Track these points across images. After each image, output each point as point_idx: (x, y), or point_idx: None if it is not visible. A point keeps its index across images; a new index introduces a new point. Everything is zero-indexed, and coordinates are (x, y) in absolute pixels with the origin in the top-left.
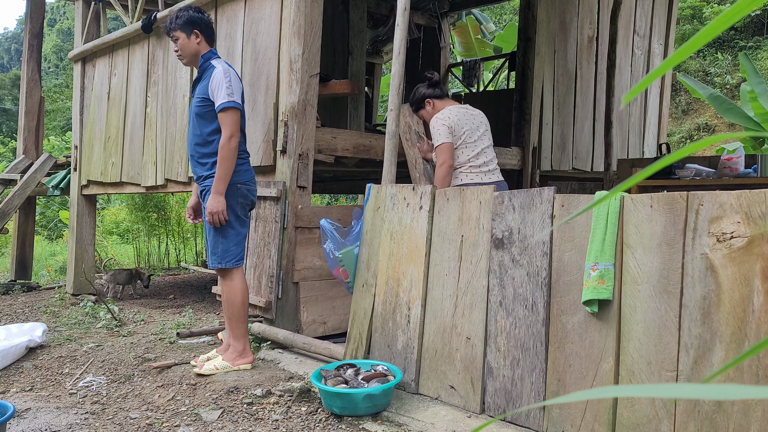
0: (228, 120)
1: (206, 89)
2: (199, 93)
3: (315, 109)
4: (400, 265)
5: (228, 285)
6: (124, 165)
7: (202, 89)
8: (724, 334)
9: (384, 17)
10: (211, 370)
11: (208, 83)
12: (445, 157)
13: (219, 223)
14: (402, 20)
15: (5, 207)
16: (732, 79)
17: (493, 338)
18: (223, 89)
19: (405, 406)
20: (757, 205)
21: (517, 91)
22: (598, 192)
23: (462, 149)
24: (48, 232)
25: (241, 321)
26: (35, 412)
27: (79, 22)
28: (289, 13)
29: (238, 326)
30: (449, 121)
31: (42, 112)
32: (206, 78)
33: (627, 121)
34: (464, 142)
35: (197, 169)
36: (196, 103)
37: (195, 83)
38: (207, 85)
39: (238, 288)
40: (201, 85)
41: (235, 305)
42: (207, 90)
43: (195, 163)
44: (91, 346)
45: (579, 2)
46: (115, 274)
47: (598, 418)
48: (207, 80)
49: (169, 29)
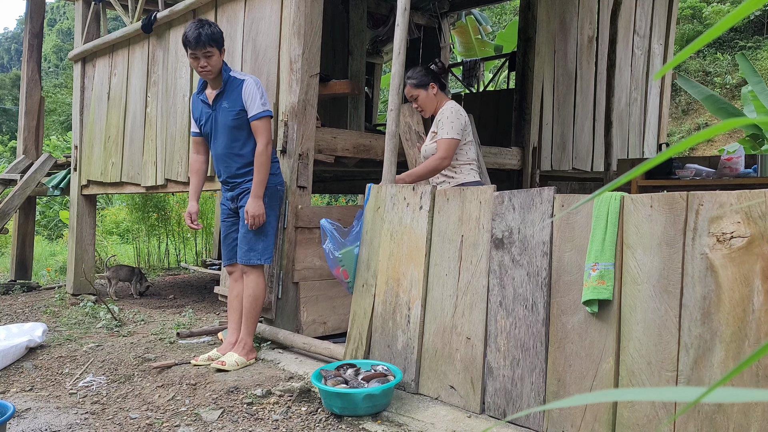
0: (264, 128)
1: (239, 101)
2: (233, 105)
3: (315, 109)
4: (400, 265)
5: (257, 281)
6: (124, 165)
7: (234, 102)
8: (724, 334)
9: (384, 17)
10: (233, 365)
11: (240, 95)
12: (448, 153)
13: (258, 225)
14: (402, 20)
15: (5, 207)
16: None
17: (493, 338)
18: (257, 99)
19: (405, 406)
20: (757, 205)
21: (517, 91)
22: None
23: (470, 146)
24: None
25: (257, 318)
26: (35, 412)
27: (79, 22)
28: (289, 13)
29: (255, 323)
30: (464, 118)
31: (42, 112)
32: (233, 90)
33: (627, 121)
34: (472, 141)
35: (235, 179)
36: (233, 116)
37: (217, 96)
38: (238, 97)
39: (264, 284)
40: (231, 98)
41: (259, 301)
42: (240, 101)
43: (233, 172)
44: (91, 346)
45: (579, 2)
46: (117, 269)
47: (598, 418)
48: (236, 92)
49: (205, 43)
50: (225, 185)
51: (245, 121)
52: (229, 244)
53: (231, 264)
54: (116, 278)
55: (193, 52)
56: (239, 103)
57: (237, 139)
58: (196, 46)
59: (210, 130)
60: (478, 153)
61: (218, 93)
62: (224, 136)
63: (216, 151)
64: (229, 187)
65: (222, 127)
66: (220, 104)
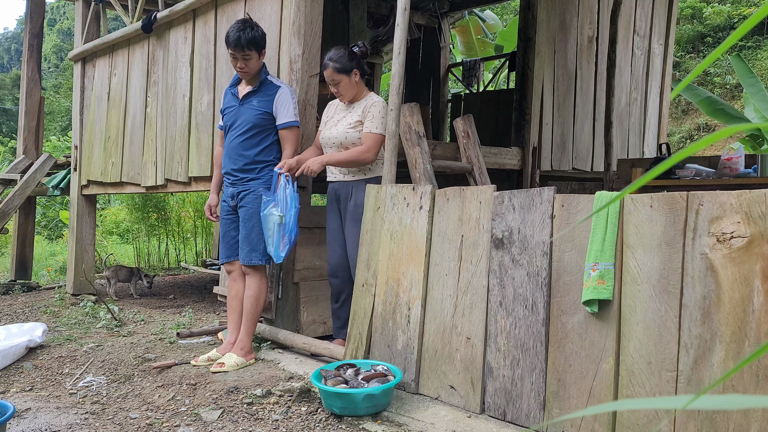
0: (293, 137)
1: (270, 105)
2: (261, 106)
3: (315, 109)
4: (400, 265)
5: (258, 282)
6: (124, 165)
7: (264, 103)
8: (724, 334)
9: (384, 17)
10: (232, 366)
11: (273, 100)
12: (375, 149)
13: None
14: (402, 20)
15: (5, 207)
16: (732, 79)
17: (493, 338)
18: (290, 109)
19: (405, 406)
20: (757, 205)
21: (517, 91)
22: (599, 192)
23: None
24: (48, 232)
25: (257, 318)
26: (35, 412)
27: (79, 22)
28: (289, 13)
29: (255, 323)
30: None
31: (42, 112)
32: (267, 93)
33: (627, 121)
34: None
35: (238, 173)
36: (257, 115)
37: (249, 94)
38: (271, 101)
39: (265, 285)
40: (262, 99)
41: (259, 302)
42: (271, 106)
43: (240, 167)
44: (91, 346)
45: (579, 2)
46: (117, 270)
47: (598, 417)
48: (270, 96)
49: (244, 46)
50: (227, 178)
51: (266, 124)
52: (228, 241)
53: (229, 262)
54: (116, 278)
55: (233, 52)
56: (269, 106)
57: (252, 138)
58: (236, 47)
59: (229, 122)
60: (478, 153)
61: (251, 91)
62: (241, 132)
63: (228, 143)
64: (230, 182)
65: (243, 123)
66: (250, 101)
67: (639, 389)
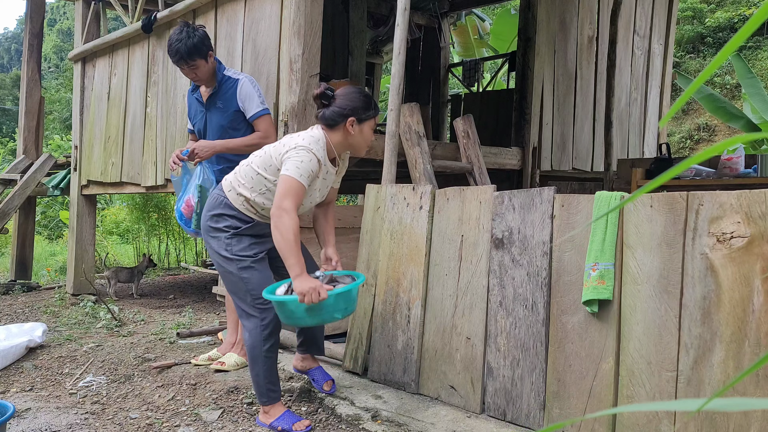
0: (266, 125)
1: (234, 101)
2: (228, 106)
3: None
4: (400, 265)
5: None
6: (124, 165)
7: (229, 102)
8: (724, 334)
9: (384, 17)
10: (233, 365)
11: (235, 95)
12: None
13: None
14: (402, 20)
15: (5, 207)
16: (732, 78)
17: (493, 338)
18: (255, 99)
19: (405, 406)
20: (757, 205)
21: (517, 91)
22: (599, 192)
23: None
24: (48, 232)
25: None
26: (35, 412)
27: (79, 22)
28: (289, 13)
29: None
30: None
31: (42, 112)
32: (228, 90)
33: (627, 121)
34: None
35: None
36: (230, 117)
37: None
38: (233, 97)
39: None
40: (225, 98)
41: None
42: (235, 102)
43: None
44: (91, 346)
45: (579, 2)
46: (117, 271)
47: (598, 417)
48: (231, 92)
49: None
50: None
51: (240, 122)
52: None
53: None
54: (116, 279)
55: (178, 67)
56: (234, 103)
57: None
58: (179, 62)
59: (202, 128)
60: (478, 153)
61: (212, 93)
62: (217, 136)
63: None
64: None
65: (216, 127)
66: (214, 104)
67: (639, 389)
